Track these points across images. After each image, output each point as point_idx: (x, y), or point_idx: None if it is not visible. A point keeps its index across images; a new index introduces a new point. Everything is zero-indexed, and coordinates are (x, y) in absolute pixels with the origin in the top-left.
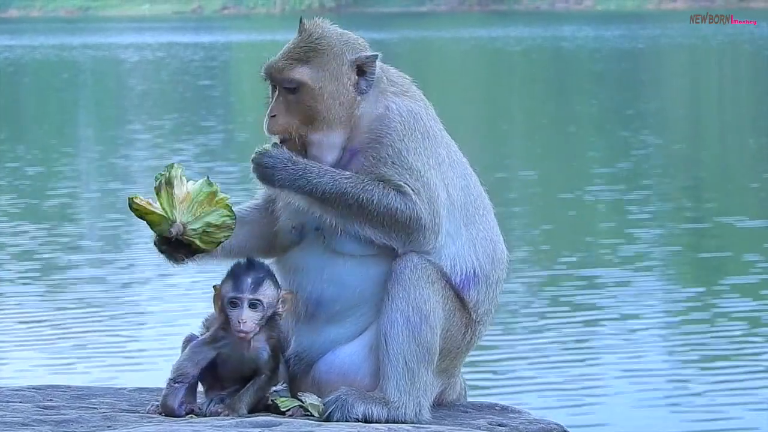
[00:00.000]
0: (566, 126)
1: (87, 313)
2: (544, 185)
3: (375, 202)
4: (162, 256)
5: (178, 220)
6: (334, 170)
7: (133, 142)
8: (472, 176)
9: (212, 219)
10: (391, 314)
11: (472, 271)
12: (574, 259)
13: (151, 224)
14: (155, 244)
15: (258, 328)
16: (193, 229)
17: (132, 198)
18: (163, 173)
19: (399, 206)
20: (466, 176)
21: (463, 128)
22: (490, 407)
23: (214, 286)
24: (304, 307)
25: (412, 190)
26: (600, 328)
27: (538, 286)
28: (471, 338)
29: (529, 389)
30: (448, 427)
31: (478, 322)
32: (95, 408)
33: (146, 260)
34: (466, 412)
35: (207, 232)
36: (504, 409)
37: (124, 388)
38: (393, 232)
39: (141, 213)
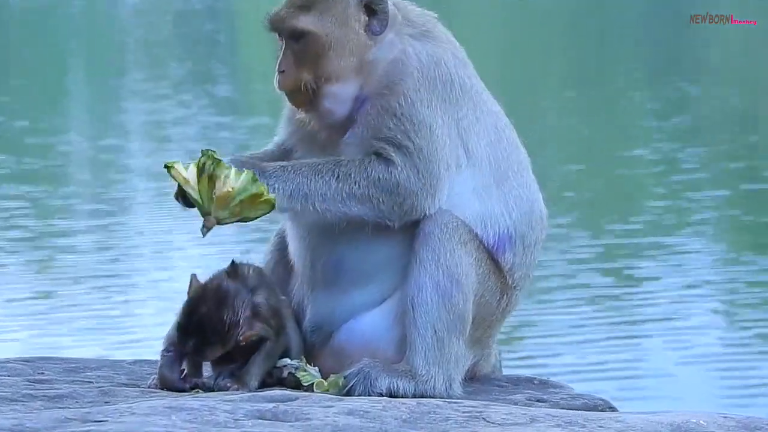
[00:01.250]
0: (613, 78)
1: (81, 283)
2: (590, 143)
3: (352, 177)
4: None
5: (212, 215)
6: (297, 163)
7: (134, 95)
8: (504, 130)
9: (250, 214)
10: (418, 278)
11: (506, 231)
12: (621, 223)
13: (183, 194)
14: (178, 199)
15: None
16: (227, 221)
17: (169, 165)
18: (208, 157)
19: (380, 175)
20: (498, 129)
21: (496, 81)
22: (528, 381)
23: (191, 275)
24: (321, 272)
25: (403, 152)
26: (648, 299)
27: (580, 253)
28: (507, 305)
29: (571, 364)
30: (482, 402)
31: (515, 287)
32: (91, 382)
33: (145, 225)
34: (502, 386)
35: (241, 220)
36: (543, 383)
37: (123, 361)
38: (382, 205)
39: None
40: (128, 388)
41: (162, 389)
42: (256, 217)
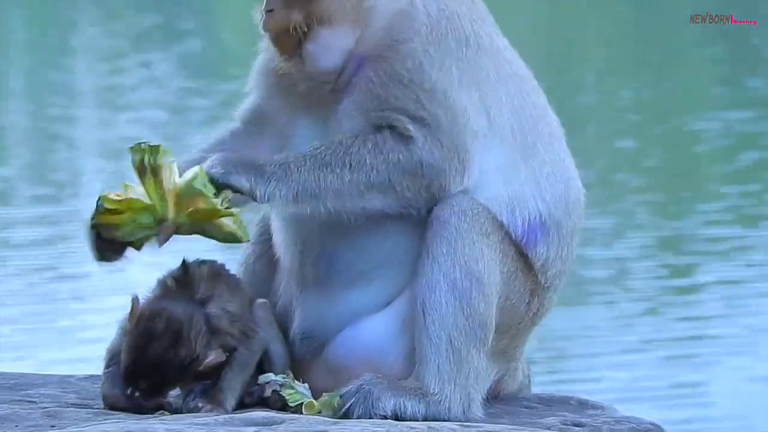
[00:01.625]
0: (667, 40)
1: (20, 281)
2: (643, 112)
3: (368, 163)
4: (94, 251)
5: (170, 219)
6: (298, 156)
7: (83, 52)
8: (531, 95)
9: (213, 232)
10: (431, 276)
11: (537, 217)
12: (680, 213)
13: (118, 225)
14: (93, 232)
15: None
16: (187, 229)
17: (103, 197)
18: (144, 150)
19: (399, 155)
20: (523, 94)
21: (528, 41)
22: (563, 401)
23: (132, 299)
24: (312, 269)
25: (420, 123)
26: (704, 302)
27: (627, 248)
28: (537, 309)
29: (615, 380)
30: (508, 427)
31: (547, 287)
32: (34, 402)
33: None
34: (531, 407)
35: (204, 233)
36: (582, 404)
37: (72, 376)
38: (407, 192)
39: (115, 212)
40: (78, 409)
41: (113, 411)
42: (223, 238)
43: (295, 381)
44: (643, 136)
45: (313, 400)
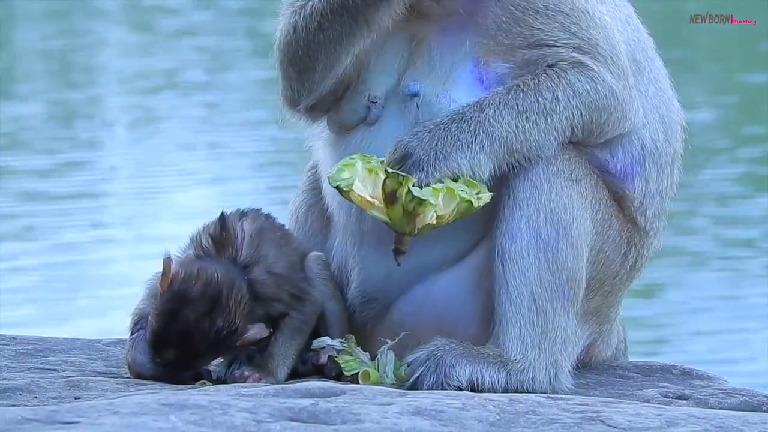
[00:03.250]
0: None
1: (41, 238)
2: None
3: (560, 102)
4: None
5: (407, 232)
6: (480, 104)
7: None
8: (626, 5)
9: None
10: (511, 224)
11: (639, 146)
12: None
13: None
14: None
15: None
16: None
17: (346, 189)
18: (388, 174)
19: (587, 87)
20: (620, 8)
21: None
22: (665, 370)
23: (164, 258)
24: (371, 221)
25: (582, 51)
26: None
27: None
28: (635, 261)
29: (724, 348)
30: (600, 399)
31: (647, 232)
32: (54, 370)
33: (125, 164)
34: (627, 377)
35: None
36: (686, 374)
37: (99, 341)
38: (606, 126)
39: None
40: (106, 378)
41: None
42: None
43: (356, 347)
44: None
45: (371, 370)
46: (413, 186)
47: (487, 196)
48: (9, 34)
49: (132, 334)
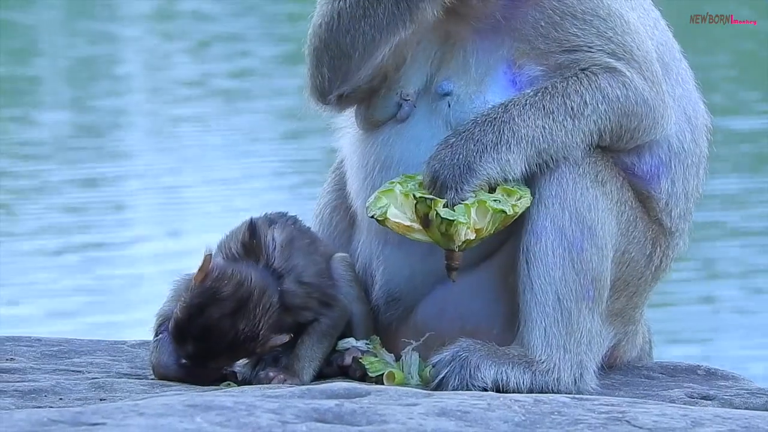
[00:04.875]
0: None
1: (66, 236)
2: None
3: (588, 105)
4: None
5: (455, 248)
6: (505, 105)
7: None
8: (653, 9)
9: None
10: (537, 223)
11: (666, 147)
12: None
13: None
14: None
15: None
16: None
17: (381, 218)
18: (423, 201)
19: (618, 92)
20: (648, 11)
21: None
22: (690, 371)
23: (206, 254)
24: None
25: (617, 56)
26: None
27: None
28: (661, 261)
29: (749, 347)
30: (626, 400)
31: (672, 232)
32: (79, 371)
33: (151, 163)
34: (652, 377)
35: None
36: (711, 374)
37: (124, 342)
38: (637, 133)
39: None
40: (131, 379)
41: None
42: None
43: (381, 348)
44: None
45: (396, 371)
46: (442, 207)
47: (525, 201)
48: (38, 42)
49: (156, 335)
